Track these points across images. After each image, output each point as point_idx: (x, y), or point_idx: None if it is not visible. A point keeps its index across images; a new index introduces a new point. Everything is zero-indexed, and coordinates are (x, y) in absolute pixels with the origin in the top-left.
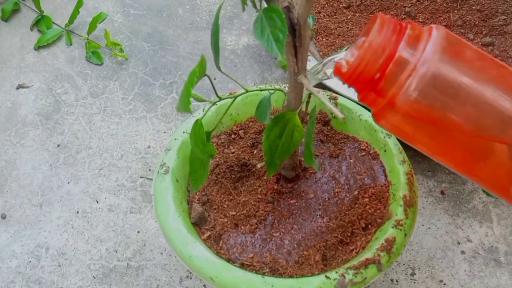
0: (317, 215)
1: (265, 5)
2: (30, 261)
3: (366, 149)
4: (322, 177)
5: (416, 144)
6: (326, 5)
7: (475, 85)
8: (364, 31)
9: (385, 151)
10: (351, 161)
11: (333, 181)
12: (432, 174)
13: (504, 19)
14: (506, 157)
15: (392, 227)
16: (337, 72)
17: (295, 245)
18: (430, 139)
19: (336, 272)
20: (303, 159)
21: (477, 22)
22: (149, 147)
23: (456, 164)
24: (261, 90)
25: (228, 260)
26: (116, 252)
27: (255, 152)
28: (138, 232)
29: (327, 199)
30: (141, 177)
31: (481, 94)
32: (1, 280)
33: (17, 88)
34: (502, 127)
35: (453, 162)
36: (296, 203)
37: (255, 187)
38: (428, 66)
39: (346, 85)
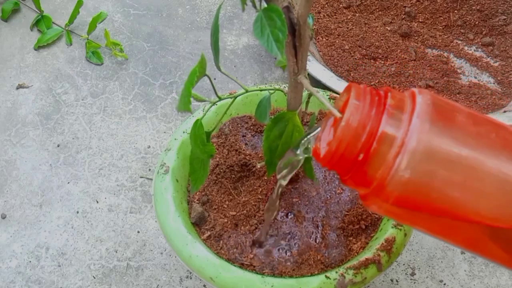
0: (318, 215)
1: (265, 5)
2: (30, 261)
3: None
4: (324, 178)
5: (416, 226)
6: (326, 5)
7: (475, 154)
8: (336, 103)
9: None
10: None
11: (333, 181)
12: None
13: (504, 19)
14: None
15: (392, 227)
16: (316, 156)
17: (296, 245)
18: (431, 220)
19: (336, 272)
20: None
21: (477, 22)
22: (149, 147)
23: (464, 244)
24: (261, 90)
25: (228, 260)
26: (116, 252)
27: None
28: (138, 232)
29: (327, 199)
30: (141, 177)
31: (483, 164)
32: (1, 280)
33: (17, 88)
34: None
35: (461, 243)
36: (296, 203)
37: (255, 187)
38: (418, 139)
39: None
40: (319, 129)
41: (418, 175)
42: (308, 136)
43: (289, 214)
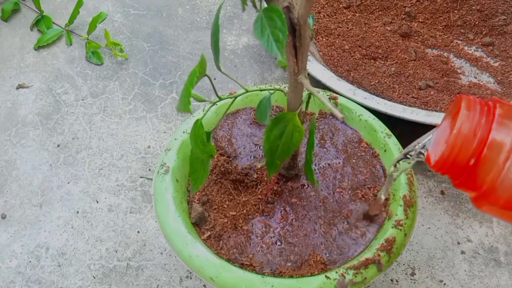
0: (317, 215)
1: (265, 5)
2: (30, 261)
3: (366, 149)
4: (323, 177)
5: None
6: (326, 5)
7: None
8: (447, 113)
9: (385, 151)
10: (352, 161)
11: (334, 181)
12: (432, 174)
13: (504, 19)
14: None
15: (392, 227)
16: (428, 162)
17: (296, 244)
18: None
19: (336, 272)
20: (303, 157)
21: (477, 22)
22: (149, 147)
23: None
24: (261, 90)
25: (228, 260)
26: (116, 252)
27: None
28: (138, 232)
29: (327, 199)
30: (141, 177)
31: None
32: (1, 280)
33: (17, 88)
34: None
35: None
36: (296, 203)
37: (255, 187)
38: None
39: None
40: (431, 136)
41: None
42: (422, 143)
43: (289, 214)
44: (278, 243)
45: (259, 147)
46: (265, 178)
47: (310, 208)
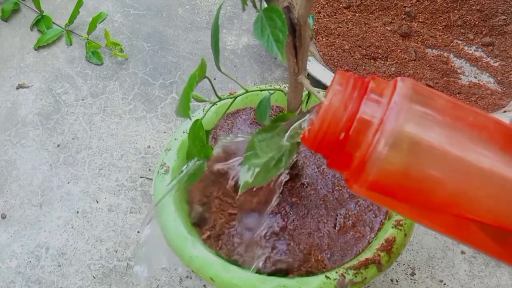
0: (318, 213)
1: (265, 5)
2: (30, 261)
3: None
4: (323, 177)
5: (397, 210)
6: (326, 5)
7: (450, 135)
8: (326, 93)
9: None
10: None
11: (334, 181)
12: None
13: (504, 19)
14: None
15: (392, 227)
16: (302, 139)
17: (296, 244)
18: (412, 204)
19: (336, 272)
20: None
21: (477, 22)
22: (149, 147)
23: (447, 231)
24: (261, 90)
25: (228, 260)
26: (116, 252)
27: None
28: (138, 232)
29: (327, 198)
30: (141, 177)
31: (461, 147)
32: (1, 280)
33: (17, 88)
34: (492, 198)
35: (444, 229)
36: (296, 203)
37: (255, 187)
38: (396, 119)
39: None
40: (308, 115)
41: (395, 153)
42: (298, 122)
43: (289, 213)
44: (278, 243)
45: None
46: None
47: (311, 207)
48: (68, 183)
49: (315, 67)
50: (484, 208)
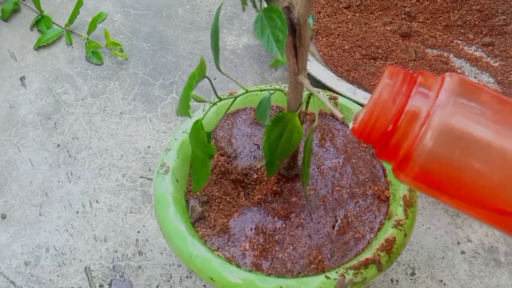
0: (317, 213)
1: (265, 5)
2: (30, 261)
3: (366, 149)
4: (323, 177)
5: (442, 200)
6: (326, 5)
7: (496, 129)
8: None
9: None
10: (352, 161)
11: (334, 181)
12: None
13: (504, 19)
14: None
15: (392, 227)
16: (352, 129)
17: (296, 245)
18: (456, 193)
19: (336, 272)
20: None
21: (477, 22)
22: (149, 147)
23: (490, 222)
24: (261, 90)
25: (228, 260)
26: (116, 252)
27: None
28: (138, 232)
29: (327, 199)
30: (141, 177)
31: (504, 140)
32: (1, 280)
33: (20, 79)
34: None
35: (487, 220)
36: (296, 203)
37: (255, 187)
38: (442, 113)
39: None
40: (358, 111)
41: (441, 146)
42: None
43: (289, 214)
44: (278, 243)
45: (259, 147)
46: (265, 178)
47: (310, 208)
48: (68, 183)
49: (315, 67)
50: None
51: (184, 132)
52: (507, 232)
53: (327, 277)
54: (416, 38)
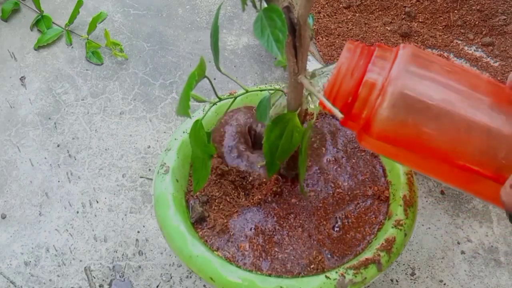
0: (317, 214)
1: (265, 5)
2: (30, 261)
3: (366, 149)
4: (323, 177)
5: (402, 162)
6: (326, 5)
7: (446, 95)
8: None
9: None
10: (351, 161)
11: (334, 181)
12: None
13: (504, 19)
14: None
15: (392, 227)
16: (325, 94)
17: (295, 245)
18: (413, 157)
19: (336, 272)
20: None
21: (477, 22)
22: (149, 147)
23: (446, 180)
24: (261, 90)
25: (228, 260)
26: (116, 252)
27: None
28: (138, 232)
29: (327, 199)
30: (141, 177)
31: (453, 106)
32: (1, 280)
33: (20, 79)
34: (485, 147)
35: (443, 178)
36: (296, 203)
37: (255, 187)
38: (395, 83)
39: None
40: (332, 66)
41: (395, 113)
42: (323, 70)
43: (289, 214)
44: (278, 243)
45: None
46: (264, 180)
47: (310, 208)
48: (68, 183)
49: (315, 67)
50: (476, 158)
51: (184, 132)
52: (461, 187)
53: (327, 277)
54: (416, 38)
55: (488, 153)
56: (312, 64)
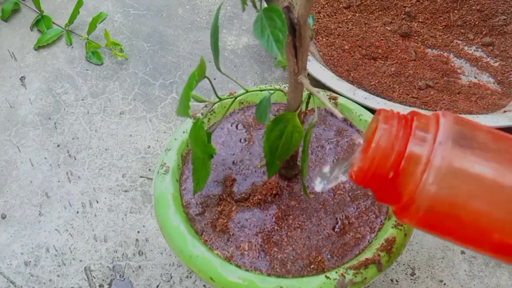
0: (317, 215)
1: (265, 5)
2: (30, 261)
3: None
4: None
5: (449, 238)
6: (326, 5)
7: (494, 167)
8: (368, 128)
9: None
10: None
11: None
12: None
13: (504, 19)
14: None
15: (392, 227)
16: (351, 177)
17: (295, 245)
18: (462, 232)
19: (336, 272)
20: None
21: (477, 22)
22: (149, 147)
23: (499, 255)
24: (261, 90)
25: (228, 260)
26: (116, 252)
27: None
28: (138, 232)
29: (327, 199)
30: (141, 177)
31: (503, 179)
32: (1, 280)
33: (20, 79)
34: None
35: (495, 253)
36: (296, 204)
37: (254, 187)
38: (442, 157)
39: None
40: (353, 155)
41: (443, 189)
42: (346, 161)
43: (289, 215)
44: (278, 243)
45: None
46: (264, 179)
47: (310, 209)
48: (68, 183)
49: (315, 67)
50: None
51: (184, 132)
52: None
53: (327, 277)
54: (416, 38)
55: None
56: (312, 64)
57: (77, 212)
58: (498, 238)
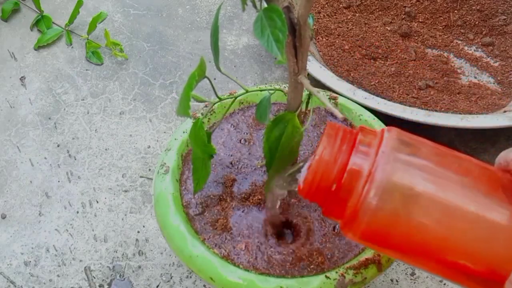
0: (316, 215)
1: (265, 5)
2: (30, 261)
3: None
4: None
5: (390, 255)
6: (326, 5)
7: (437, 182)
8: (319, 142)
9: None
10: None
11: None
12: None
13: (504, 19)
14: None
15: None
16: (298, 188)
17: (295, 245)
18: (404, 250)
19: (336, 272)
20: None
21: (477, 22)
22: (149, 147)
23: (440, 274)
24: (261, 90)
25: (228, 260)
26: (116, 252)
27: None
28: (138, 232)
29: None
30: (141, 177)
31: (446, 193)
32: (1, 280)
33: (20, 79)
34: (481, 238)
35: (436, 272)
36: (295, 204)
37: (254, 187)
38: (384, 170)
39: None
40: (306, 164)
41: (385, 203)
42: (293, 171)
43: (288, 215)
44: (278, 243)
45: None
46: (265, 179)
47: (310, 208)
48: (68, 183)
49: (315, 67)
50: (471, 252)
51: (184, 132)
52: (461, 284)
53: (327, 277)
54: (416, 38)
55: (483, 245)
56: (312, 64)
57: (77, 212)
58: (440, 255)
